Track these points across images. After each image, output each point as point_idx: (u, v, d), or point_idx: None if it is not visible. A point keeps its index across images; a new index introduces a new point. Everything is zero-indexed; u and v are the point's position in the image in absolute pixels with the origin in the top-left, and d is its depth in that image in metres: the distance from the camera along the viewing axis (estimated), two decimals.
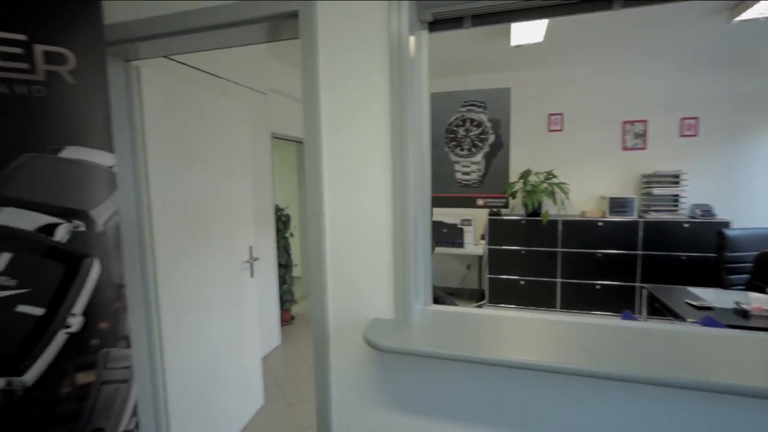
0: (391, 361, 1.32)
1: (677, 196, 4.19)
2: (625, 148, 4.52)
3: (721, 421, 1.03)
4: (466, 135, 3.34)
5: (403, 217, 1.22)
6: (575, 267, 4.31)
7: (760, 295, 2.51)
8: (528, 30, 3.24)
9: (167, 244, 1.89)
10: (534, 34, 3.34)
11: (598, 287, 4.25)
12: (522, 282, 4.46)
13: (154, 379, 1.83)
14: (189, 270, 2.03)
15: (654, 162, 4.41)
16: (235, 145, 2.45)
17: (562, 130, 4.70)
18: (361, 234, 1.30)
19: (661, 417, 1.07)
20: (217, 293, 2.25)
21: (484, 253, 4.63)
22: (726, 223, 3.90)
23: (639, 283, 4.12)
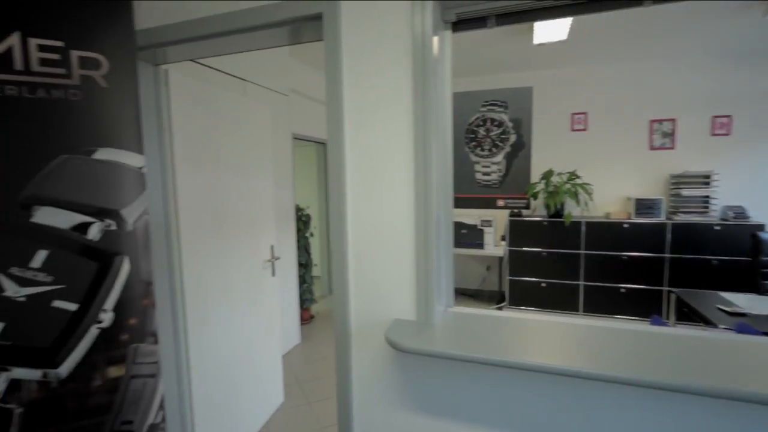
0: (412, 362, 1.31)
1: (708, 197, 4.04)
2: (652, 148, 4.38)
3: None
4: (486, 135, 3.30)
5: (426, 218, 1.21)
6: (599, 269, 4.20)
7: None
8: (551, 28, 3.17)
9: (193, 243, 1.93)
10: (558, 32, 3.27)
11: (623, 291, 4.13)
12: (543, 284, 4.38)
13: (180, 375, 1.88)
14: (213, 268, 2.08)
15: (683, 162, 4.27)
16: (258, 146, 2.49)
17: (585, 130, 4.59)
18: (383, 234, 1.30)
19: (694, 427, 1.03)
20: (239, 291, 2.29)
21: (505, 254, 4.57)
22: (761, 226, 3.73)
23: (666, 287, 3.99)
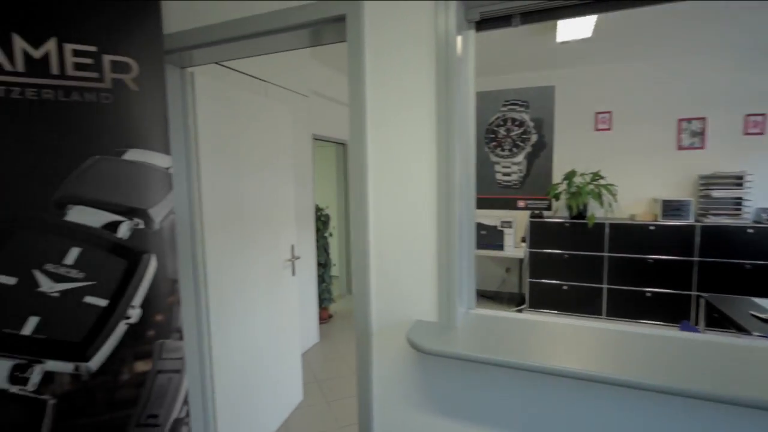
0: (432, 364, 1.31)
1: (740, 198, 3.88)
2: (680, 148, 4.24)
3: None
4: (507, 135, 3.26)
5: (448, 218, 1.21)
6: (623, 273, 4.09)
7: None
8: (576, 25, 3.10)
9: (216, 242, 1.97)
10: (582, 29, 3.19)
11: (648, 295, 4.01)
12: (564, 287, 4.29)
13: (203, 371, 1.92)
14: (235, 267, 2.11)
15: (713, 162, 4.11)
16: (279, 147, 2.52)
17: (610, 129, 4.47)
18: (405, 234, 1.30)
19: None
20: (260, 290, 2.32)
21: (525, 256, 4.50)
22: None
23: (695, 292, 3.85)
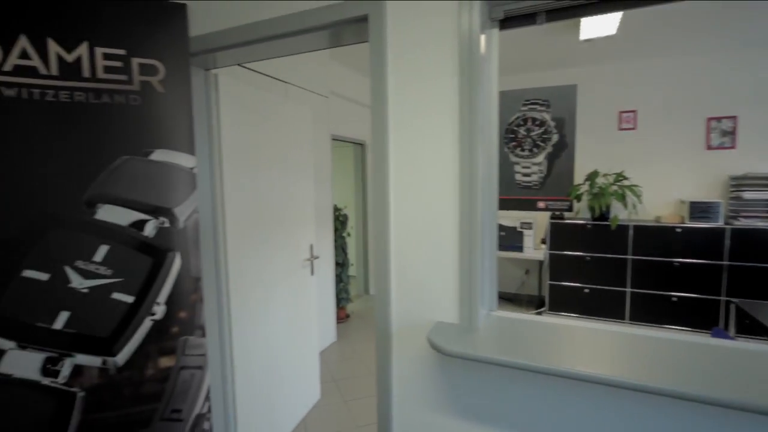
0: (453, 366, 1.29)
1: None
2: (709, 148, 4.09)
3: None
4: (527, 135, 3.20)
5: (471, 219, 1.19)
6: (648, 276, 3.97)
7: None
8: (600, 22, 3.03)
9: (238, 241, 2.00)
10: (606, 27, 3.12)
11: (674, 299, 3.88)
12: (586, 290, 4.19)
13: (224, 368, 1.95)
14: (256, 266, 2.14)
15: (745, 163, 3.95)
16: (299, 147, 2.54)
17: (634, 129, 4.35)
18: (426, 235, 1.29)
19: None
20: (280, 289, 2.35)
21: (545, 258, 4.42)
22: None
23: (725, 297, 3.71)
